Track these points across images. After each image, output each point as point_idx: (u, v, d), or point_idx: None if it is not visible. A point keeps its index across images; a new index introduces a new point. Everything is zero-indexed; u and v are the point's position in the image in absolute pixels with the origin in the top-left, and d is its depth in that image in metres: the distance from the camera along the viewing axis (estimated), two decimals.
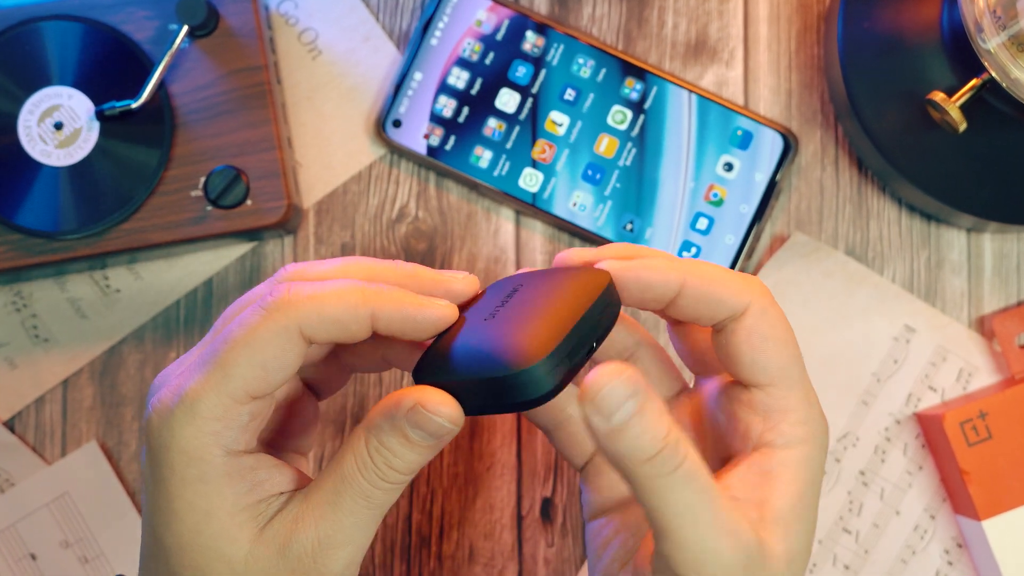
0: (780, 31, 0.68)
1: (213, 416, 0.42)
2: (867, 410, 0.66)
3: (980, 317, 0.67)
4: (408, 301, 0.43)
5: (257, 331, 0.42)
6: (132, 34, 0.64)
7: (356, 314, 0.43)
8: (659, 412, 0.39)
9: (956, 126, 0.58)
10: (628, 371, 0.38)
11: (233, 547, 0.43)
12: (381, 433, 0.42)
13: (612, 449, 0.39)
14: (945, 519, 0.66)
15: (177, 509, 0.43)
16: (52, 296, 0.68)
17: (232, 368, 0.42)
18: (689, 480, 0.40)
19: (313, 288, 0.43)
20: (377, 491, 0.43)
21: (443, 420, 0.41)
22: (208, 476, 0.43)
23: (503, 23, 0.68)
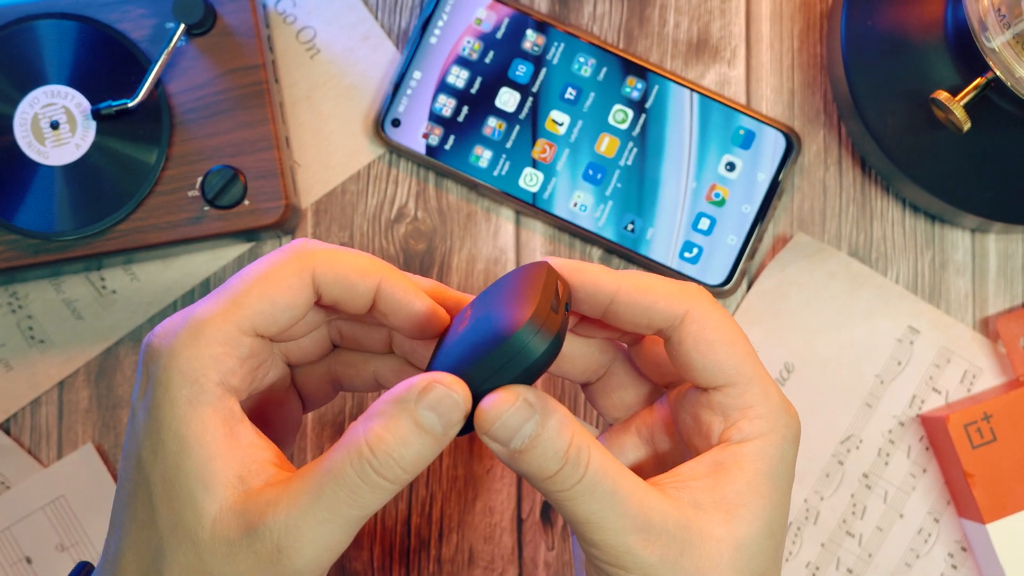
0: (782, 30, 0.68)
1: (217, 340, 0.42)
2: (870, 412, 0.66)
3: (984, 318, 0.67)
4: (410, 288, 0.45)
5: (273, 267, 0.43)
6: (128, 32, 0.64)
7: (365, 279, 0.44)
8: (558, 428, 0.41)
9: (960, 125, 0.58)
10: (522, 396, 0.41)
11: (206, 497, 0.41)
12: (386, 418, 0.41)
13: (515, 469, 0.42)
14: (949, 522, 0.66)
15: (164, 437, 0.42)
16: (48, 297, 0.68)
17: (244, 298, 0.43)
18: (592, 489, 0.42)
19: (331, 246, 0.45)
20: (366, 486, 0.41)
21: (460, 398, 0.41)
22: (198, 400, 0.42)
23: (503, 21, 0.68)
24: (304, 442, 0.67)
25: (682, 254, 0.66)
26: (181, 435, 0.42)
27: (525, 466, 0.41)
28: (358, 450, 0.40)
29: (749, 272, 0.67)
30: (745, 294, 0.67)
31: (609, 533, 0.42)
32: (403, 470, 0.41)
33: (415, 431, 0.41)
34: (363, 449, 0.40)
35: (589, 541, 0.42)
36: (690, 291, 0.46)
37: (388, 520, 0.67)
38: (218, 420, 0.42)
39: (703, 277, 0.66)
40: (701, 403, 0.46)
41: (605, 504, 0.42)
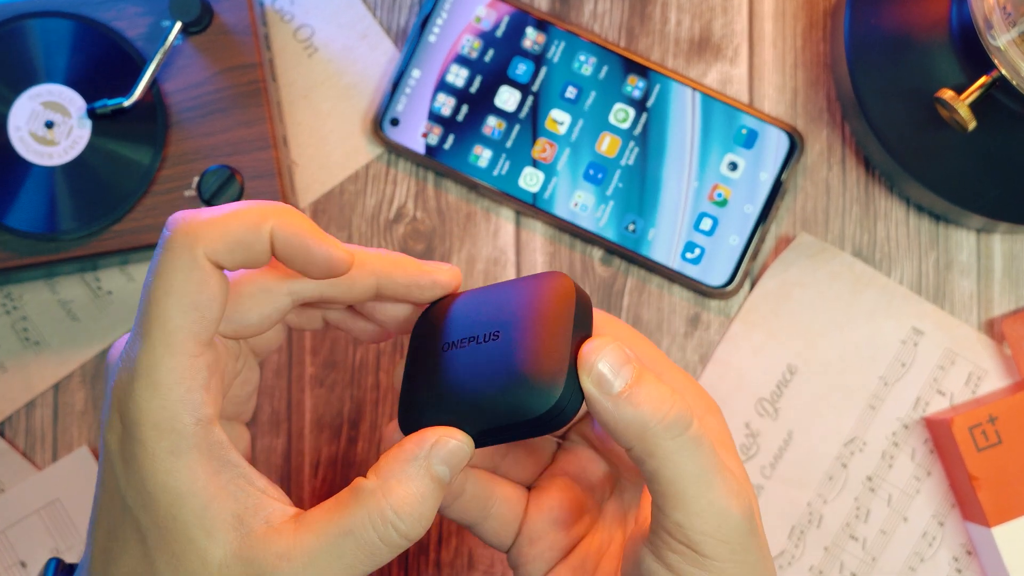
0: (785, 28, 0.68)
1: (173, 381, 0.41)
2: (874, 414, 0.66)
3: (990, 320, 0.67)
4: (308, 230, 0.43)
5: (171, 273, 0.41)
6: (124, 31, 0.64)
7: (258, 232, 0.42)
8: (656, 377, 0.42)
9: (965, 125, 0.58)
10: (614, 341, 0.41)
11: (209, 543, 0.41)
12: (405, 479, 0.41)
13: (620, 419, 0.41)
14: (954, 525, 0.66)
15: (151, 490, 0.41)
16: (43, 298, 0.68)
17: (167, 322, 0.41)
18: (700, 442, 0.42)
19: (210, 212, 0.42)
20: (387, 550, 0.41)
21: (468, 448, 0.42)
22: (180, 448, 0.41)
23: (503, 19, 0.67)
24: (302, 444, 0.67)
25: (684, 255, 0.66)
26: (170, 488, 0.41)
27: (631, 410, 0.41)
28: (381, 513, 0.41)
29: (751, 273, 0.67)
30: (747, 295, 0.67)
31: (716, 495, 0.42)
32: (424, 527, 0.42)
33: (432, 486, 0.41)
34: (387, 512, 0.41)
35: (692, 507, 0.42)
36: None
37: None
38: (204, 461, 0.42)
39: (705, 278, 0.66)
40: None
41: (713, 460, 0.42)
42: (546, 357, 0.42)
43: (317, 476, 0.67)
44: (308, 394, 0.67)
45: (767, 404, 0.66)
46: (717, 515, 0.42)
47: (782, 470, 0.66)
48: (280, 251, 0.43)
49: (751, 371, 0.66)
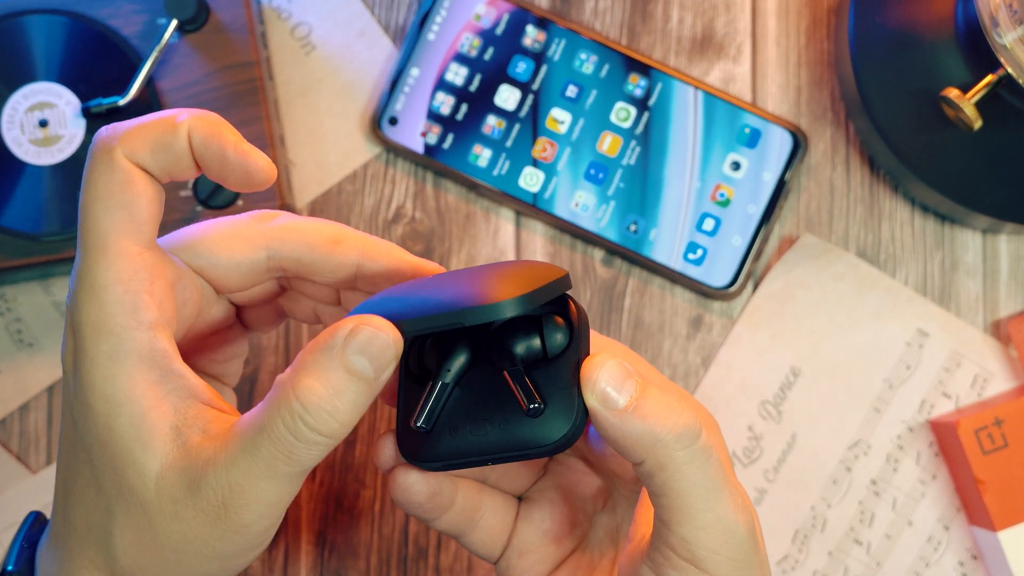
0: (789, 26, 0.68)
1: (109, 281, 0.41)
2: (879, 417, 0.66)
3: (996, 321, 0.67)
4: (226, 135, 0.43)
5: (97, 181, 0.42)
6: (120, 29, 0.64)
7: (175, 133, 0.42)
8: (660, 390, 0.42)
9: (971, 124, 0.58)
10: (614, 356, 0.41)
11: (145, 455, 0.41)
12: (315, 368, 0.39)
13: (628, 433, 0.41)
14: (959, 530, 0.66)
15: (92, 400, 0.41)
16: (37, 299, 0.68)
17: (99, 226, 0.42)
18: (710, 453, 0.42)
19: (130, 121, 0.43)
20: (299, 443, 0.39)
21: (390, 338, 0.39)
22: (118, 353, 0.41)
23: (503, 17, 0.67)
24: None
25: (686, 255, 0.66)
26: (108, 395, 0.41)
27: (638, 423, 0.41)
28: (288, 406, 0.39)
29: (755, 274, 0.67)
30: (751, 296, 0.67)
31: (723, 510, 0.42)
32: (340, 423, 0.40)
33: (347, 379, 0.39)
34: (293, 404, 0.39)
35: (699, 521, 0.42)
36: None
37: (386, 528, 0.67)
38: (144, 368, 0.41)
39: (707, 279, 0.66)
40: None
41: (723, 475, 0.42)
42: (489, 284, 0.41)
43: (315, 480, 0.67)
44: None
45: (770, 407, 0.66)
46: (724, 531, 0.42)
47: (785, 473, 0.66)
48: (199, 155, 0.43)
49: (754, 373, 0.66)
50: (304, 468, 0.40)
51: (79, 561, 0.43)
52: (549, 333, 0.43)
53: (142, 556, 0.41)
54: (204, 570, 0.42)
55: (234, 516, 0.40)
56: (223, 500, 0.40)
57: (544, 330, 0.43)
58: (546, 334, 0.43)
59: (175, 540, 0.41)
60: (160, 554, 0.41)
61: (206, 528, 0.41)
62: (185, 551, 0.41)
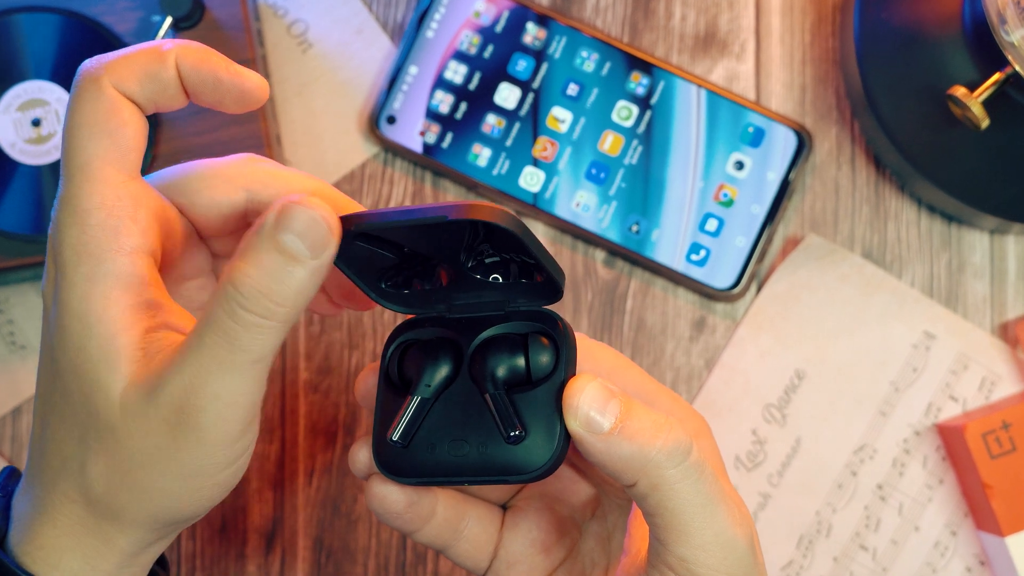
0: (793, 23, 0.68)
1: (92, 205, 0.41)
2: (885, 421, 0.66)
3: (1004, 323, 0.67)
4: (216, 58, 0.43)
5: (81, 107, 0.42)
6: (113, 26, 0.64)
7: (163, 61, 0.43)
8: (644, 405, 0.41)
9: (978, 122, 0.58)
10: (595, 378, 0.41)
11: (111, 376, 0.40)
12: (247, 251, 0.39)
13: (616, 454, 0.40)
14: (967, 535, 0.66)
15: (67, 322, 0.41)
16: (30, 301, 0.68)
17: (81, 153, 0.42)
18: (703, 469, 0.41)
19: (118, 51, 0.43)
20: (240, 328, 0.39)
21: (320, 215, 0.38)
22: (96, 275, 0.41)
23: (503, 14, 0.67)
24: (296, 451, 0.67)
25: (689, 256, 0.66)
26: (82, 314, 0.41)
27: (626, 444, 0.40)
28: (226, 293, 0.39)
29: (759, 275, 0.67)
30: (754, 298, 0.67)
31: (721, 525, 0.41)
32: (275, 303, 0.39)
33: (279, 259, 0.39)
34: (228, 288, 0.39)
35: (696, 540, 0.41)
36: None
37: (383, 533, 0.67)
38: (120, 291, 0.41)
39: (711, 280, 0.66)
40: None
41: (717, 489, 0.42)
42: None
43: (312, 484, 0.67)
44: (302, 400, 0.67)
45: (775, 410, 0.66)
46: (723, 546, 0.41)
47: (790, 478, 0.66)
48: (191, 83, 0.43)
49: (758, 376, 0.66)
50: (253, 357, 0.39)
51: (53, 496, 0.42)
52: (534, 355, 0.42)
53: (113, 480, 0.41)
54: (172, 489, 0.41)
55: (191, 419, 0.40)
56: (179, 404, 0.40)
57: (529, 352, 0.42)
58: (531, 356, 0.42)
59: (140, 457, 0.40)
60: (129, 475, 0.41)
61: (167, 438, 0.40)
62: (151, 468, 0.41)
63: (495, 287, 0.43)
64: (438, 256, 0.43)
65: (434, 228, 0.40)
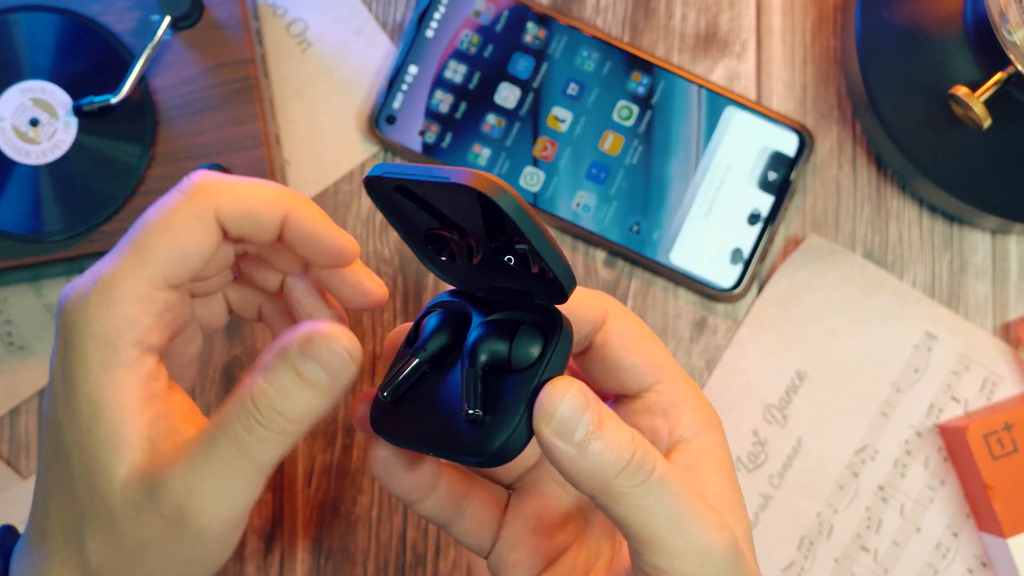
0: (795, 22, 0.68)
1: (129, 299, 0.42)
2: (886, 422, 0.66)
3: (1005, 324, 0.67)
4: (322, 218, 0.45)
5: (176, 214, 0.43)
6: (112, 25, 0.64)
7: (271, 212, 0.44)
8: (616, 419, 0.41)
9: (980, 122, 0.58)
10: (574, 384, 0.40)
11: (115, 462, 0.42)
12: (270, 372, 0.41)
13: (583, 469, 0.40)
14: (968, 536, 0.66)
15: (78, 402, 0.42)
16: (28, 302, 0.68)
17: (150, 251, 0.42)
18: (666, 483, 0.41)
19: (234, 178, 0.44)
20: (253, 439, 0.41)
21: (341, 350, 0.40)
22: (111, 364, 0.42)
23: (503, 14, 0.67)
24: (295, 453, 0.67)
25: (689, 257, 0.66)
26: (94, 399, 0.42)
27: (594, 460, 0.40)
28: (242, 403, 0.41)
29: (760, 275, 0.67)
30: (756, 298, 0.67)
31: (693, 533, 0.41)
32: (289, 421, 0.41)
33: (297, 383, 0.41)
34: (247, 402, 0.41)
35: (670, 548, 0.41)
36: (603, 294, 0.46)
37: (383, 535, 0.66)
38: (132, 381, 0.42)
39: (712, 280, 0.66)
40: (635, 410, 0.46)
41: (683, 498, 0.41)
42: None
43: (311, 485, 0.67)
44: None
45: (775, 411, 0.66)
46: (698, 554, 0.41)
47: (791, 479, 0.66)
48: (292, 236, 0.45)
49: (759, 377, 0.66)
50: (260, 465, 0.41)
51: (53, 563, 0.44)
52: (520, 344, 0.42)
53: (109, 559, 0.43)
54: (166, 573, 0.43)
55: (191, 520, 0.41)
56: (179, 503, 0.41)
57: (515, 340, 0.42)
58: (516, 344, 0.42)
59: (137, 545, 0.42)
60: (125, 558, 0.42)
61: (165, 533, 0.42)
62: (147, 556, 0.42)
63: (520, 276, 0.43)
64: (470, 229, 0.43)
65: (449, 191, 0.41)
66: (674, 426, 0.46)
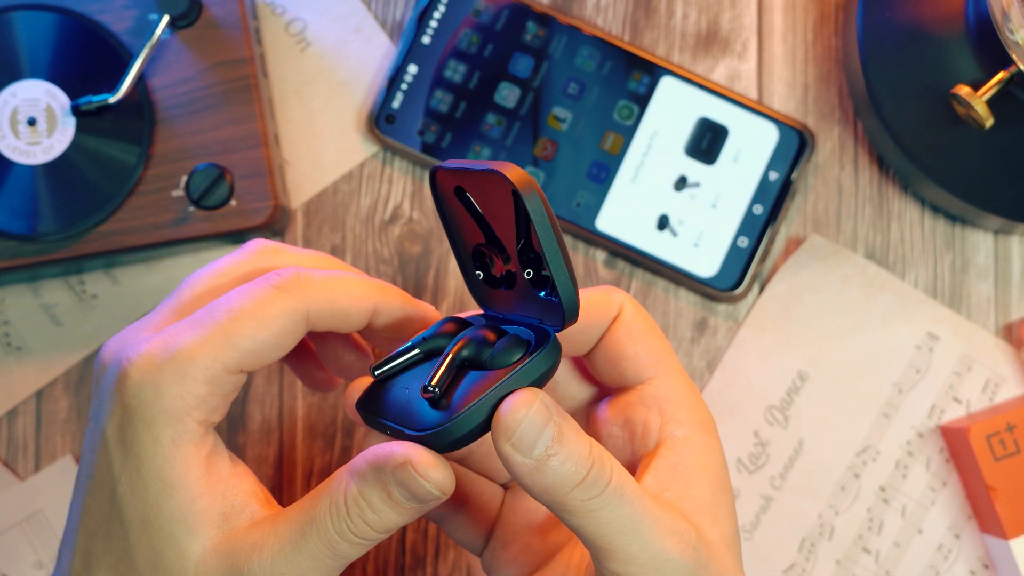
0: (796, 21, 0.68)
1: (204, 379, 0.43)
2: (888, 423, 0.66)
3: (1008, 324, 0.67)
4: (408, 299, 0.46)
5: (268, 308, 0.43)
6: (109, 24, 0.64)
7: (361, 307, 0.45)
8: (577, 432, 0.41)
9: (982, 122, 0.58)
10: (538, 398, 0.40)
11: (189, 539, 0.42)
12: (364, 483, 0.42)
13: (539, 483, 0.41)
14: (970, 538, 0.65)
15: (145, 477, 0.42)
16: (25, 302, 0.67)
17: (237, 339, 0.43)
18: (621, 494, 0.41)
19: (324, 275, 0.45)
20: (344, 544, 0.42)
21: (432, 487, 0.41)
22: (181, 439, 0.42)
23: (503, 13, 0.67)
24: (294, 454, 0.67)
25: (690, 257, 0.66)
26: (164, 476, 0.42)
27: (551, 475, 0.40)
28: (338, 508, 0.42)
29: (760, 276, 0.67)
30: (756, 299, 0.67)
31: (647, 540, 0.41)
32: (376, 532, 0.42)
33: (388, 502, 0.42)
34: (341, 508, 0.42)
35: (624, 555, 0.41)
36: (614, 290, 0.47)
37: None
38: (200, 457, 0.43)
39: (712, 281, 0.66)
40: (631, 403, 0.47)
41: (637, 507, 0.42)
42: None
43: (310, 487, 0.67)
44: (300, 402, 0.67)
45: (777, 412, 0.66)
46: (653, 558, 0.42)
47: (792, 480, 0.66)
48: (383, 324, 0.46)
49: (760, 378, 0.66)
50: (345, 562, 0.43)
51: None
52: (502, 347, 0.42)
53: None
54: None
55: None
56: None
57: (498, 342, 0.42)
58: (498, 346, 0.42)
59: None
60: None
61: None
62: None
63: (536, 300, 0.43)
64: (506, 243, 0.44)
65: (488, 183, 0.42)
66: (666, 422, 0.46)
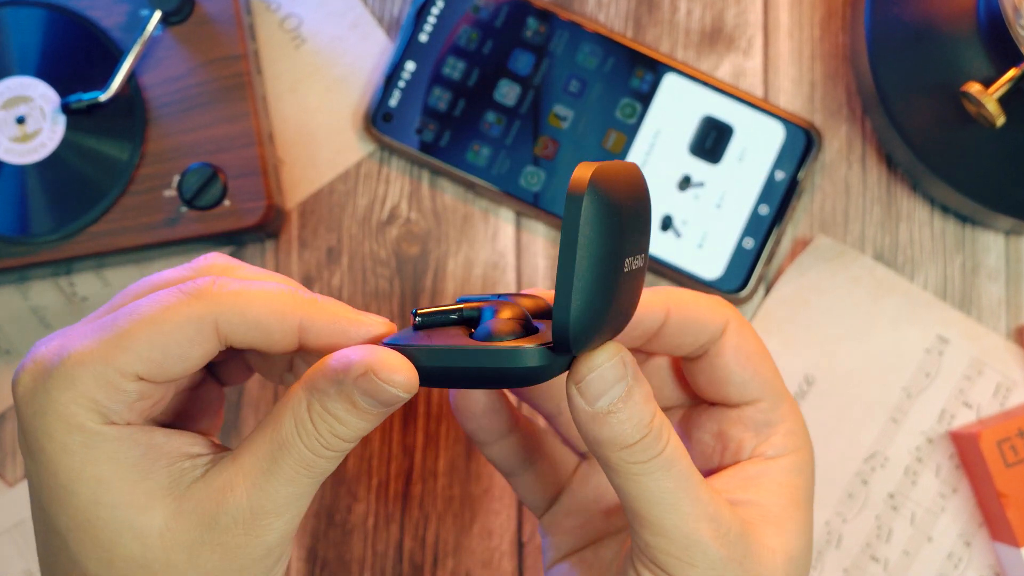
0: (802, 17, 0.68)
1: (96, 384, 0.41)
2: (897, 428, 0.66)
3: (1019, 327, 0.66)
4: (344, 315, 0.43)
5: (169, 313, 0.41)
6: (100, 20, 0.64)
7: (283, 322, 0.42)
8: (646, 397, 0.41)
9: (993, 120, 0.57)
10: (620, 354, 0.41)
11: (145, 517, 0.41)
12: (326, 399, 0.41)
13: (592, 432, 0.41)
14: (981, 546, 0.65)
15: (65, 483, 0.41)
16: (14, 304, 0.67)
17: (129, 342, 0.41)
18: (669, 466, 0.42)
19: (241, 284, 0.42)
20: (319, 459, 0.42)
21: (396, 390, 0.40)
22: (93, 442, 0.41)
23: (502, 9, 0.67)
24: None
25: (694, 258, 0.66)
26: (87, 475, 0.41)
27: (607, 431, 0.41)
28: (305, 427, 0.41)
29: (767, 277, 0.67)
30: (762, 300, 0.67)
31: (682, 517, 0.42)
32: (348, 441, 0.42)
33: (354, 412, 0.41)
34: (309, 427, 0.41)
35: (656, 527, 0.42)
36: (726, 304, 0.48)
37: (379, 544, 0.66)
38: (124, 448, 0.42)
39: (717, 282, 0.66)
40: (730, 419, 0.48)
41: (681, 484, 0.42)
42: None
43: None
44: None
45: None
46: (684, 538, 0.42)
47: None
48: (314, 342, 0.43)
49: None
50: (322, 476, 0.42)
51: None
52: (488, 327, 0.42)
53: None
54: None
55: (258, 541, 0.42)
56: (246, 525, 0.41)
57: (490, 321, 0.42)
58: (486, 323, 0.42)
59: None
60: None
61: (225, 562, 0.42)
62: None
63: None
64: None
65: None
66: (761, 443, 0.47)
